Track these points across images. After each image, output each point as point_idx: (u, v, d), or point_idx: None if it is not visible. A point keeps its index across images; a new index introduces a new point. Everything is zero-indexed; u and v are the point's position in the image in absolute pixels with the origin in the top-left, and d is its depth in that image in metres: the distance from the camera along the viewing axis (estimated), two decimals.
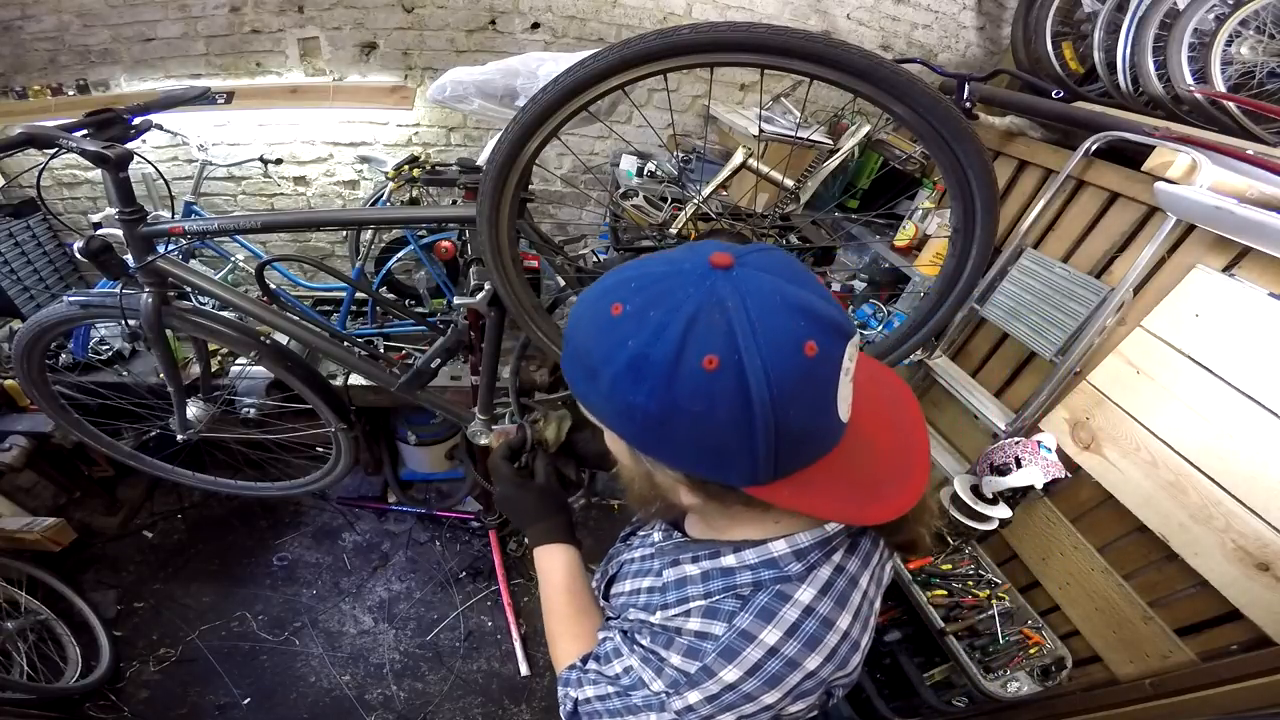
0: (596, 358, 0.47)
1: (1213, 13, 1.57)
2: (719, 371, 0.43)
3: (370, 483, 2.68)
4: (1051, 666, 1.49)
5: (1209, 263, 1.25)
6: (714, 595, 0.59)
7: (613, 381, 0.46)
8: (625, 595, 0.73)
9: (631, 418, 0.46)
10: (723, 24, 0.91)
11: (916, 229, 1.97)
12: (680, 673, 0.56)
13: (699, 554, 0.63)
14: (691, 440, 0.46)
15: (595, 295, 0.50)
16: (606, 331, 0.46)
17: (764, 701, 0.55)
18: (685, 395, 0.44)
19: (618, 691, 0.63)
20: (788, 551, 0.57)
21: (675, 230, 1.45)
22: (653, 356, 0.43)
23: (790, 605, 0.55)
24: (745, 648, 0.54)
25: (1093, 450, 1.38)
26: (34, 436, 1.99)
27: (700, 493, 0.53)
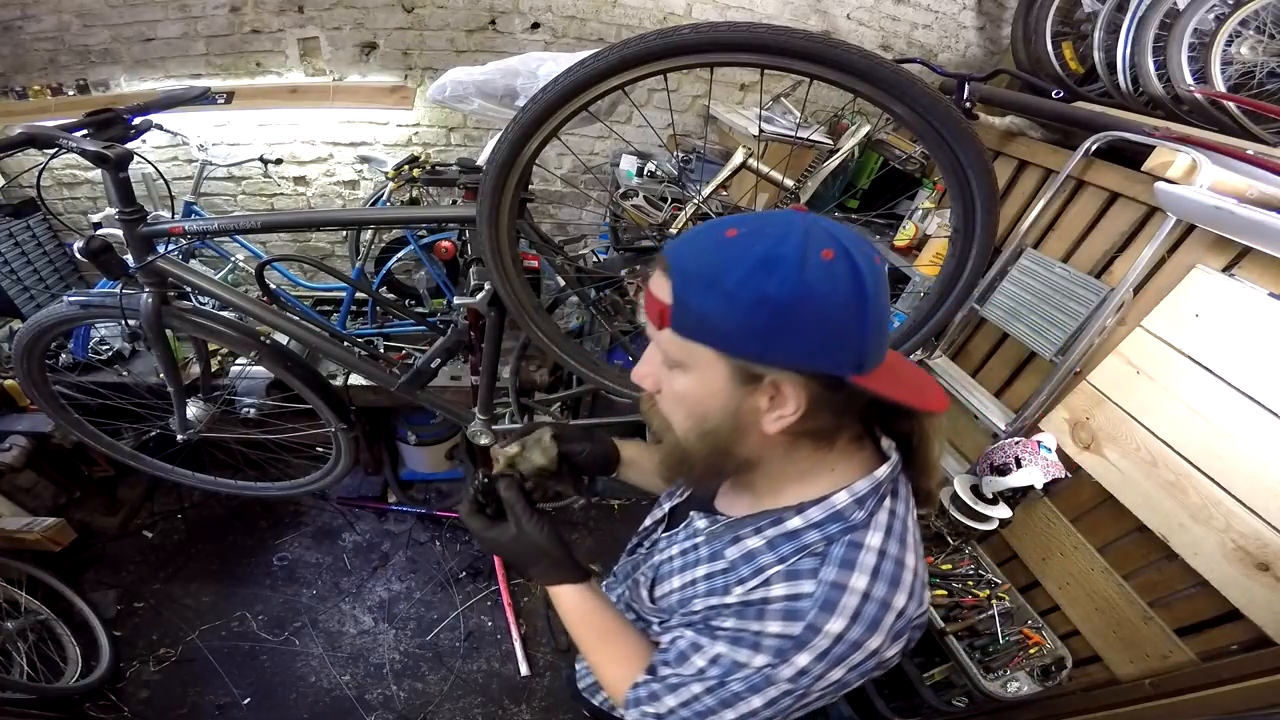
0: (721, 267, 0.52)
1: (1213, 13, 1.57)
2: (836, 260, 0.50)
3: (370, 483, 2.68)
4: (1051, 666, 1.49)
5: (1209, 263, 1.25)
6: (789, 559, 0.61)
7: (742, 280, 0.51)
8: (677, 591, 0.73)
9: (759, 311, 0.51)
10: (723, 24, 0.91)
11: (916, 229, 1.97)
12: (783, 638, 0.57)
13: (760, 525, 0.65)
14: (815, 324, 0.51)
15: (698, 233, 0.57)
16: (726, 247, 0.53)
17: (869, 647, 0.56)
18: (814, 278, 0.50)
19: (708, 687, 0.62)
20: (850, 501, 0.61)
21: (675, 230, 1.46)
22: (781, 252, 0.50)
23: (865, 551, 0.58)
24: (841, 597, 0.56)
25: (1093, 450, 1.38)
26: (34, 436, 1.99)
27: (795, 404, 0.55)
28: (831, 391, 0.55)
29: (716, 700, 0.62)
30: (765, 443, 0.60)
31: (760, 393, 0.56)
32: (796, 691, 0.58)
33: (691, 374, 0.58)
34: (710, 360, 0.56)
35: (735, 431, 0.59)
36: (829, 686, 0.58)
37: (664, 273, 0.57)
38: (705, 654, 0.63)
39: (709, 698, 0.62)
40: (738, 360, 0.55)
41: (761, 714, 0.60)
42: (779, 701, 0.59)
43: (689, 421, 0.61)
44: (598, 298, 1.58)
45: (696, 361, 0.57)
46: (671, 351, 0.58)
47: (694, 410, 0.60)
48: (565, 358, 1.35)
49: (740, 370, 0.55)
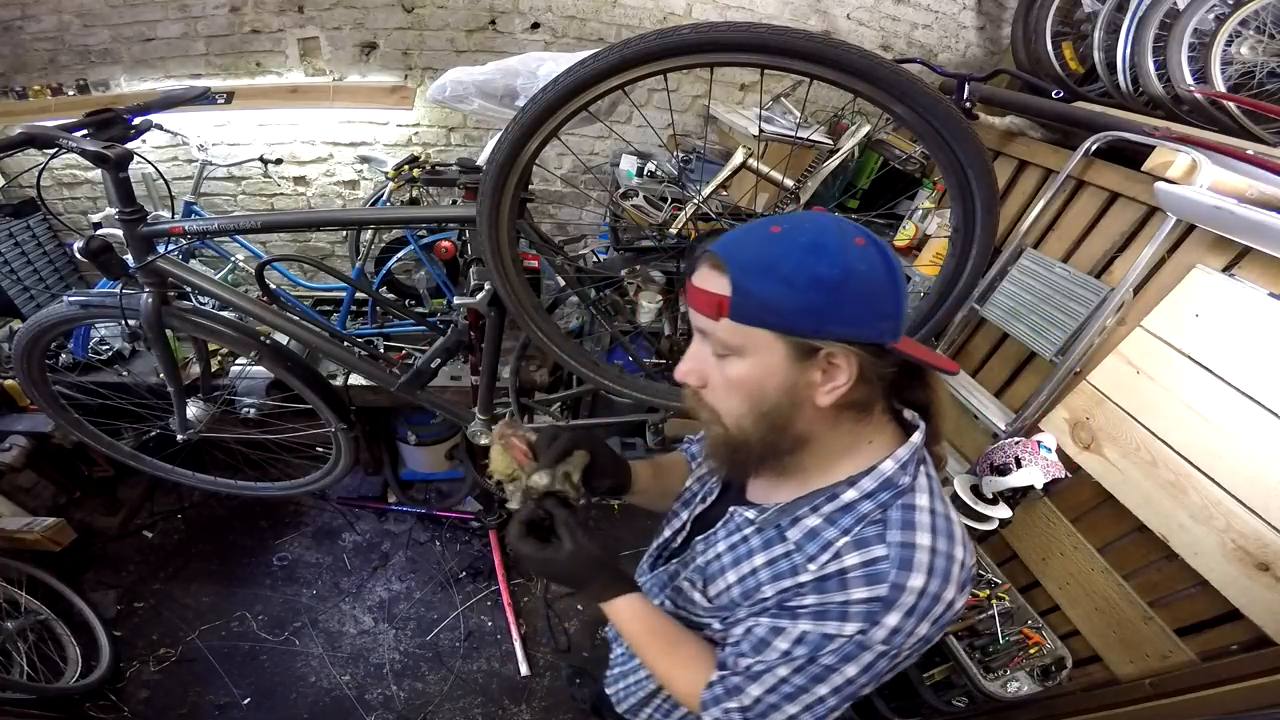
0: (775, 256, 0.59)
1: (1213, 13, 1.57)
2: (867, 246, 0.59)
3: (370, 483, 2.68)
4: (1051, 666, 1.49)
5: (1209, 263, 1.25)
6: (852, 529, 0.65)
7: (796, 265, 0.58)
8: (735, 585, 0.74)
9: (814, 290, 0.57)
10: (723, 24, 0.91)
11: (916, 229, 1.97)
12: (871, 601, 0.61)
13: (816, 503, 0.68)
14: (861, 297, 0.58)
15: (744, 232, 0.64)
16: (775, 240, 0.60)
17: (946, 598, 0.61)
18: (854, 259, 0.58)
19: (796, 667, 0.65)
20: (896, 468, 0.66)
21: (675, 230, 1.46)
22: (824, 240, 0.58)
23: (919, 511, 0.64)
24: (914, 554, 0.61)
25: (1093, 450, 1.38)
26: (34, 436, 1.98)
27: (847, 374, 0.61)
28: (876, 358, 0.61)
29: (807, 678, 0.65)
30: (817, 417, 0.64)
31: (815, 366, 0.61)
32: (890, 652, 0.61)
33: (749, 358, 0.62)
34: (768, 342, 0.61)
35: (792, 408, 0.63)
36: (917, 643, 0.62)
37: (716, 268, 0.62)
38: (788, 636, 0.65)
39: (798, 677, 0.65)
40: (795, 338, 0.60)
41: (858, 681, 0.64)
42: (874, 666, 0.62)
43: (745, 405, 0.65)
44: (598, 298, 1.58)
45: (755, 345, 0.61)
46: (729, 339, 0.62)
47: (751, 393, 0.64)
48: (565, 358, 1.35)
49: (798, 347, 0.60)
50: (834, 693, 0.65)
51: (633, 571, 0.89)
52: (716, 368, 0.65)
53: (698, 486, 0.92)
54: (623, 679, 1.07)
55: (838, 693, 0.65)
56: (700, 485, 0.91)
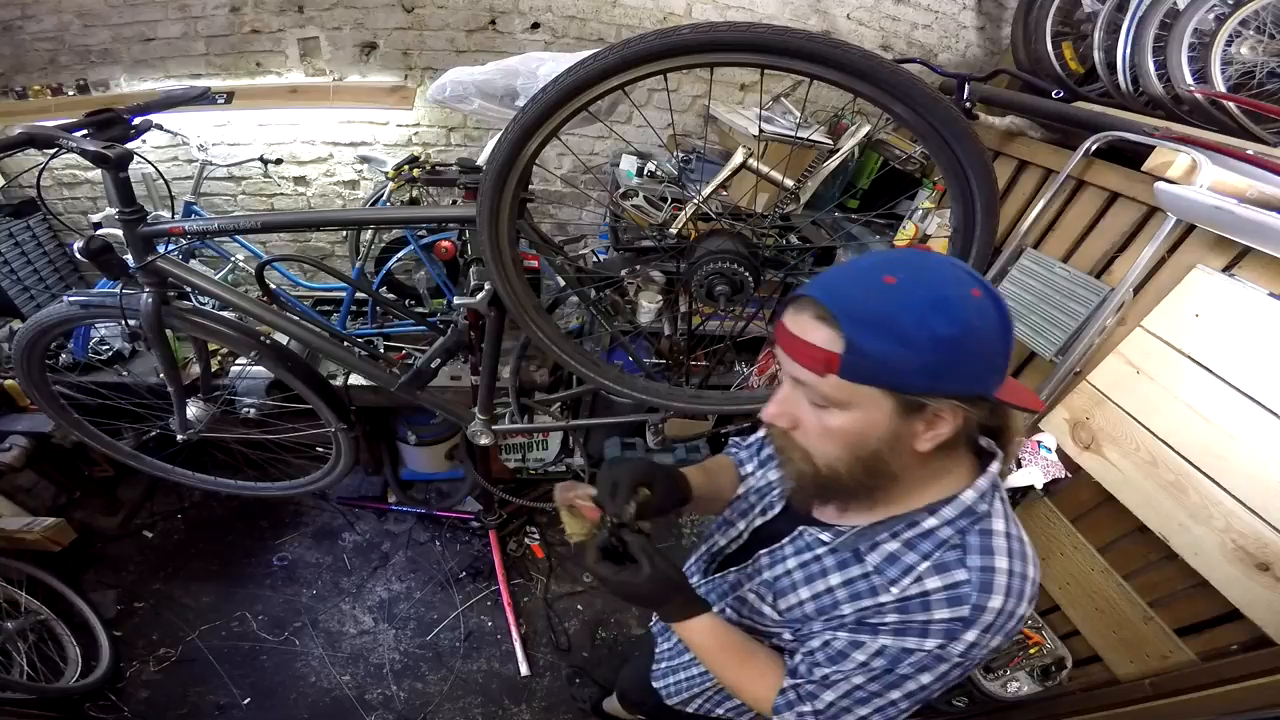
0: (893, 312, 0.57)
1: (1213, 13, 1.57)
2: (983, 298, 0.58)
3: (370, 483, 2.68)
4: (1051, 666, 1.49)
5: (1209, 263, 1.25)
6: (931, 555, 0.68)
7: (916, 322, 0.56)
8: (809, 601, 0.77)
9: (933, 350, 0.56)
10: (723, 24, 0.91)
11: (916, 229, 1.97)
12: (953, 621, 0.64)
13: (895, 529, 0.70)
14: (976, 354, 0.58)
15: (854, 279, 0.61)
16: (892, 292, 0.58)
17: (1019, 614, 0.65)
18: (973, 315, 0.57)
19: (872, 676, 0.69)
20: (976, 497, 0.68)
21: (675, 230, 1.46)
22: (945, 294, 0.57)
23: (997, 537, 0.67)
24: (994, 578, 0.64)
25: (1093, 450, 1.38)
26: (34, 436, 1.98)
27: (950, 424, 0.62)
28: (977, 407, 0.61)
29: (882, 685, 0.69)
30: (911, 459, 0.65)
31: (920, 419, 0.61)
32: (965, 664, 0.66)
33: (853, 412, 0.62)
34: (876, 398, 0.60)
35: (890, 454, 0.64)
36: (988, 653, 0.66)
37: (822, 320, 0.60)
38: (867, 649, 0.69)
39: (873, 684, 0.69)
40: (906, 395, 0.59)
41: (930, 688, 0.68)
42: (948, 675, 0.67)
43: (842, 451, 0.65)
44: (598, 298, 1.58)
45: (861, 401, 0.61)
46: (833, 394, 0.61)
47: (851, 442, 0.64)
48: (565, 358, 1.35)
49: (906, 403, 0.60)
50: (906, 697, 0.69)
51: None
52: (812, 414, 0.65)
53: (755, 499, 0.93)
54: (671, 674, 1.12)
55: (909, 697, 0.69)
56: (759, 497, 0.92)
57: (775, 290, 2.27)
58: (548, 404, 1.92)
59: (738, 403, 1.44)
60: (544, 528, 2.63)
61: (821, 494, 0.72)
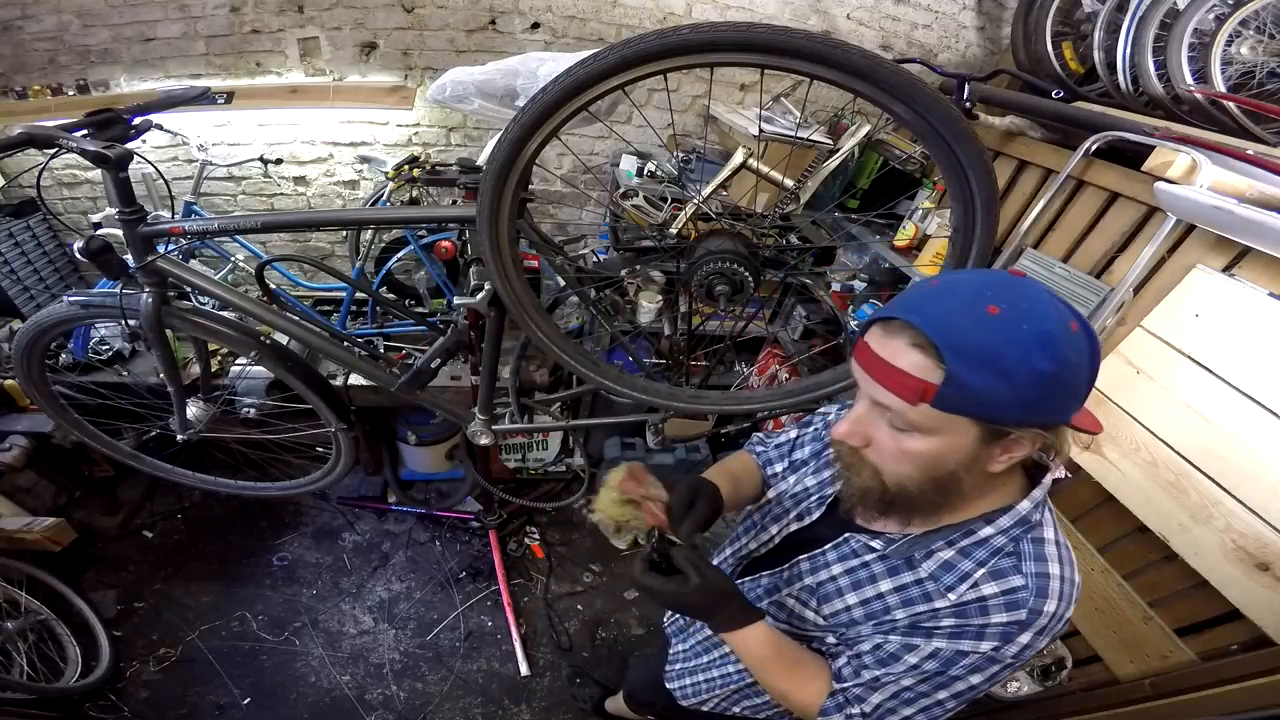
0: (997, 346, 0.56)
1: (1213, 13, 1.57)
2: (1079, 332, 0.58)
3: (370, 483, 2.68)
4: (1051, 666, 1.49)
5: (1209, 263, 1.25)
6: (987, 563, 0.69)
7: (1020, 359, 0.56)
8: (857, 606, 0.78)
9: (1033, 385, 0.56)
10: (723, 24, 0.91)
11: (916, 229, 1.97)
12: (1010, 624, 0.66)
13: (951, 538, 0.72)
14: (1066, 389, 0.59)
15: (956, 307, 0.59)
16: (996, 324, 0.57)
17: (1066, 616, 0.68)
18: (1072, 352, 0.57)
19: (923, 678, 0.71)
20: (1031, 507, 0.70)
21: (675, 230, 1.45)
22: (1049, 329, 0.56)
23: (1049, 544, 0.69)
24: (1049, 583, 0.66)
25: (1093, 450, 1.38)
26: (34, 436, 1.99)
27: (1029, 449, 0.63)
28: (1055, 434, 0.62)
29: (930, 686, 0.71)
30: (982, 477, 0.66)
31: (1000, 444, 0.62)
32: (1015, 664, 0.68)
33: (938, 437, 0.62)
34: (964, 427, 0.61)
35: (965, 474, 0.65)
36: (1035, 653, 0.68)
37: (919, 349, 0.59)
38: (920, 652, 0.71)
39: (923, 685, 0.71)
40: (995, 425, 0.60)
41: (979, 688, 0.71)
42: (998, 675, 0.70)
43: (918, 472, 0.66)
44: (598, 298, 1.58)
45: (948, 428, 0.61)
46: (921, 421, 0.61)
47: (929, 465, 0.65)
48: (565, 358, 1.35)
49: (993, 431, 0.61)
50: (954, 697, 0.71)
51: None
52: (889, 436, 0.65)
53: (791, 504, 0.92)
54: (689, 675, 1.12)
55: (957, 697, 0.72)
56: (794, 503, 0.92)
57: (775, 290, 2.27)
58: (548, 404, 1.92)
59: (738, 403, 1.44)
60: (544, 528, 2.63)
61: (885, 509, 0.72)
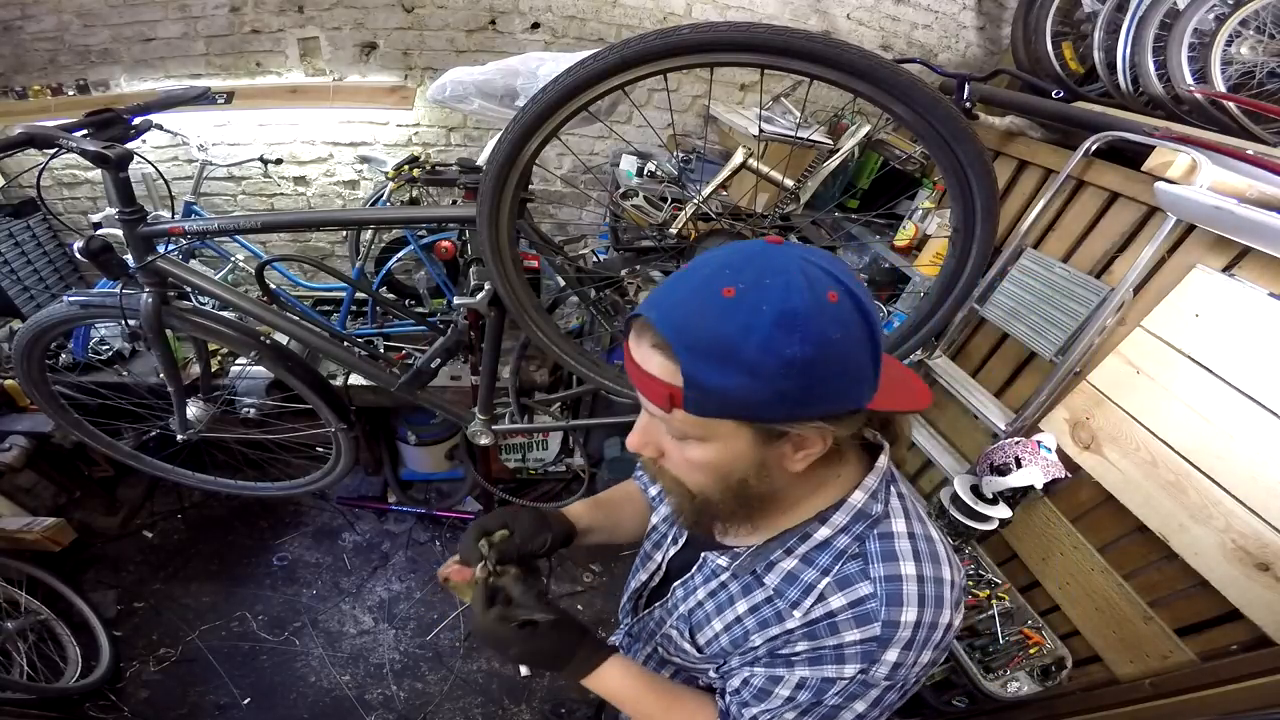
0: (733, 336, 0.48)
1: (1213, 13, 1.57)
2: (841, 300, 0.49)
3: (370, 483, 2.68)
4: (1051, 666, 1.49)
5: (1209, 263, 1.25)
6: (830, 570, 0.62)
7: (762, 346, 0.48)
8: (723, 634, 0.71)
9: (787, 375, 0.48)
10: (723, 24, 0.91)
11: (916, 229, 1.97)
12: (866, 641, 0.58)
13: (788, 544, 0.64)
14: (837, 371, 0.50)
15: (687, 294, 0.52)
16: (731, 310, 0.48)
17: (942, 623, 0.59)
18: (830, 326, 0.48)
19: (802, 710, 0.62)
20: (866, 498, 0.62)
21: (675, 230, 1.45)
22: (794, 306, 0.48)
23: (898, 539, 0.61)
24: (900, 587, 0.58)
25: (1093, 450, 1.38)
26: (34, 436, 1.99)
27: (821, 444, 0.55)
28: (849, 423, 0.55)
29: (816, 718, 0.62)
30: (789, 478, 0.59)
31: (787, 442, 0.55)
32: (897, 685, 0.60)
33: (712, 444, 0.56)
34: (732, 430, 0.54)
35: (760, 478, 0.58)
36: (922, 670, 0.60)
37: (657, 349, 0.52)
38: (788, 683, 0.63)
39: (807, 718, 0.63)
40: (764, 425, 0.53)
41: (869, 716, 0.62)
42: (883, 699, 0.61)
43: (709, 480, 0.60)
44: (598, 298, 1.58)
45: (716, 433, 0.55)
46: (685, 429, 0.55)
47: (716, 472, 0.58)
48: (565, 358, 1.35)
49: (767, 431, 0.54)
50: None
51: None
52: (673, 445, 0.59)
53: (665, 527, 0.86)
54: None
55: None
56: (668, 526, 0.86)
57: None
58: (548, 404, 1.92)
59: None
60: None
61: (700, 518, 0.65)
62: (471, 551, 0.76)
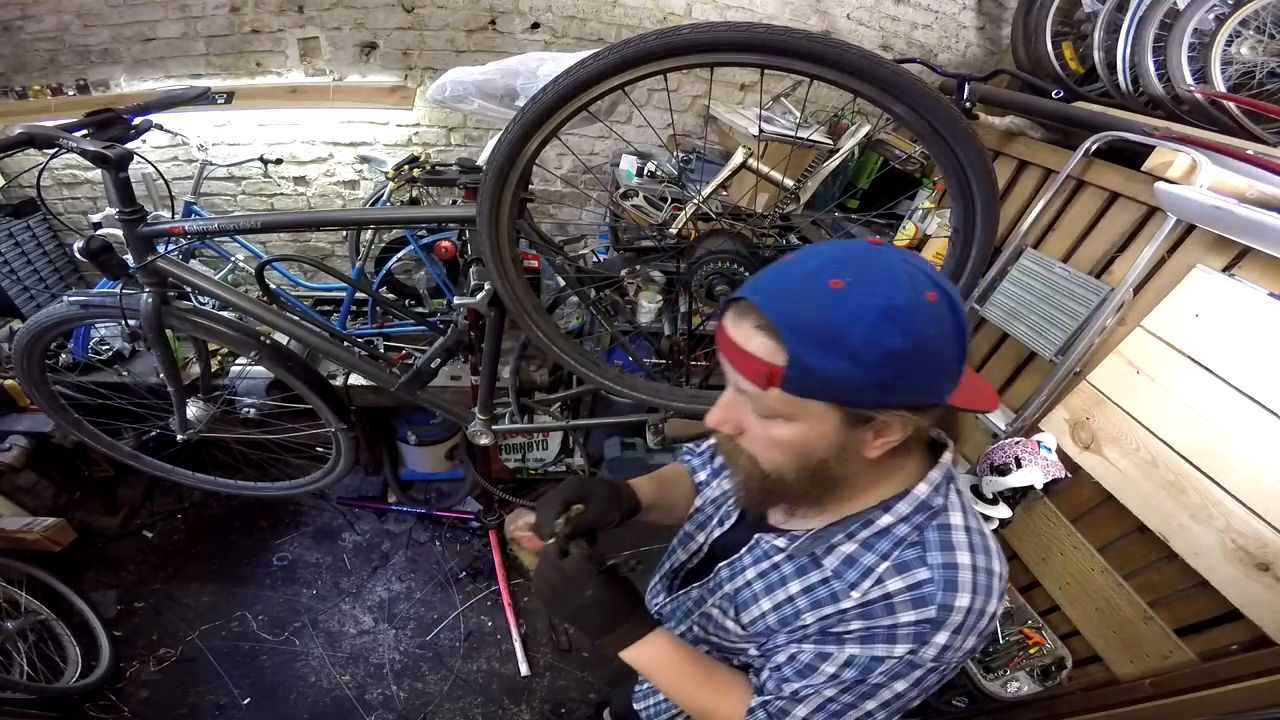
0: (840, 324, 0.52)
1: (1213, 13, 1.57)
2: (938, 302, 0.53)
3: (370, 483, 2.68)
4: (1051, 666, 1.49)
5: (1209, 263, 1.25)
6: (890, 554, 0.65)
7: (866, 336, 0.52)
8: (771, 613, 0.74)
9: (884, 364, 0.52)
10: (722, 24, 0.91)
11: (916, 229, 1.97)
12: (920, 623, 0.62)
13: (850, 529, 0.68)
14: (929, 366, 0.55)
15: (796, 282, 0.56)
16: (839, 300, 0.53)
17: (989, 611, 0.63)
18: (928, 324, 0.53)
19: (844, 688, 0.66)
20: (930, 490, 0.66)
21: (675, 230, 1.46)
22: (897, 303, 0.52)
23: (956, 530, 0.64)
24: (957, 574, 0.62)
25: (1093, 450, 1.38)
26: (34, 436, 1.99)
27: (901, 432, 0.59)
28: (929, 415, 0.59)
29: (855, 696, 0.66)
30: (863, 464, 0.62)
31: (870, 429, 0.59)
32: (940, 668, 0.63)
33: (798, 424, 0.59)
34: (822, 412, 0.57)
35: (839, 460, 0.61)
36: (964, 655, 0.64)
37: (761, 329, 0.56)
38: (836, 660, 0.66)
39: (847, 696, 0.66)
40: (855, 409, 0.56)
41: (907, 696, 0.65)
42: (924, 680, 0.64)
43: (788, 459, 0.63)
44: (598, 298, 1.58)
45: (806, 414, 0.58)
46: (778, 408, 0.58)
47: (798, 452, 0.61)
48: (565, 358, 1.35)
49: (855, 415, 0.57)
50: (882, 707, 0.66)
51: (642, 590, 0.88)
52: (757, 423, 0.62)
53: (712, 509, 0.90)
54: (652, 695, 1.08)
55: (886, 707, 0.66)
56: (716, 508, 0.89)
57: None
58: (548, 404, 1.92)
59: None
60: None
61: (768, 498, 0.68)
62: (548, 525, 0.78)
